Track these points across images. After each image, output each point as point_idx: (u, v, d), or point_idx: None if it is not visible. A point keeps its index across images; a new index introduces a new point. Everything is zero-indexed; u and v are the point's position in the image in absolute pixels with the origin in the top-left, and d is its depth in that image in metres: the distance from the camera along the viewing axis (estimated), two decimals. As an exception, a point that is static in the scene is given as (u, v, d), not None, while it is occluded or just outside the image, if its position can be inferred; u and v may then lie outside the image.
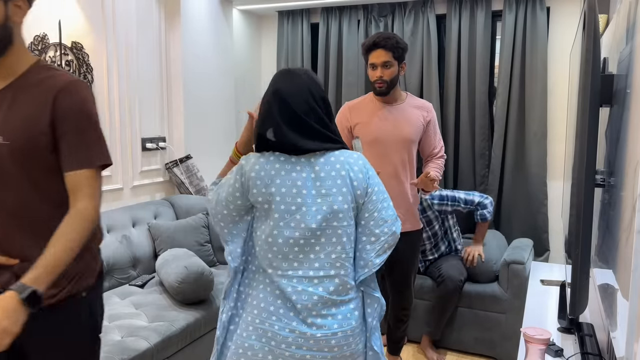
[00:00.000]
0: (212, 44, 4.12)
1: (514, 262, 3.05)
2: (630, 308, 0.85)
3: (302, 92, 1.51)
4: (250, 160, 1.52)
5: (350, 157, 1.54)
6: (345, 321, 1.50)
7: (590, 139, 1.13)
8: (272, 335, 1.47)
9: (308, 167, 1.50)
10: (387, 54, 2.43)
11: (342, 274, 1.50)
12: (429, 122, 2.62)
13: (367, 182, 1.53)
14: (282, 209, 1.47)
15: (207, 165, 4.12)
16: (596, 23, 1.15)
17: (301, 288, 1.47)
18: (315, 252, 1.49)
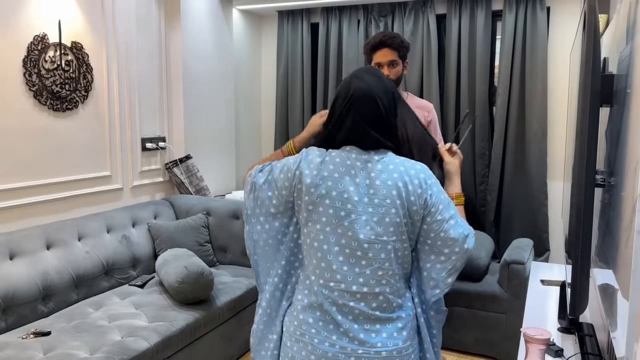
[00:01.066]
0: (212, 44, 4.12)
1: (514, 262, 3.05)
2: (630, 308, 0.85)
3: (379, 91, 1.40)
4: (309, 155, 1.43)
5: (412, 168, 1.40)
6: (391, 340, 1.38)
7: (590, 139, 1.13)
8: (312, 348, 1.40)
9: (364, 173, 1.38)
10: (393, 53, 2.41)
11: (387, 291, 1.39)
12: (430, 122, 2.62)
13: (425, 200, 1.38)
14: (331, 213, 1.37)
15: (207, 165, 4.12)
16: (596, 23, 1.15)
17: (342, 302, 1.38)
18: (361, 266, 1.37)
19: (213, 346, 2.81)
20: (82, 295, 2.77)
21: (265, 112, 4.99)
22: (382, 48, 2.43)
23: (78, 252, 2.80)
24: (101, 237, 2.97)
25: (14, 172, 2.75)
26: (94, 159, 3.22)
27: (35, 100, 2.84)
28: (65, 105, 3.01)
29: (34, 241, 2.63)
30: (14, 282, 2.43)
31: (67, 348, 2.20)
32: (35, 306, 2.52)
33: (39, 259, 2.60)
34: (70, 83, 3.03)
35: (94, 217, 3.03)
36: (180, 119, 3.84)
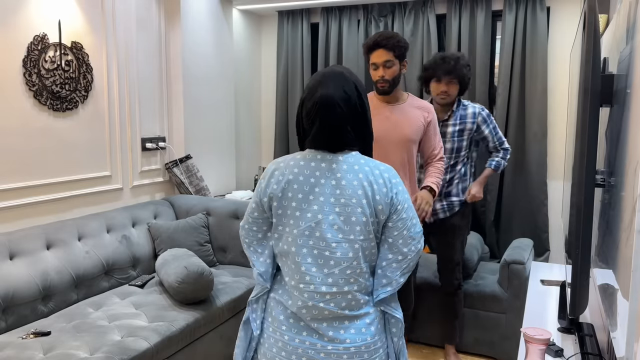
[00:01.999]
0: (212, 43, 4.12)
1: (514, 262, 3.05)
2: (630, 308, 0.85)
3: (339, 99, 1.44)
4: (270, 167, 1.50)
5: (377, 168, 1.45)
6: (359, 336, 1.42)
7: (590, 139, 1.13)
8: (282, 345, 1.44)
9: (329, 173, 1.42)
10: (388, 54, 2.42)
11: (356, 289, 1.42)
12: (430, 122, 2.61)
13: (391, 199, 1.42)
14: (297, 215, 1.41)
15: (207, 165, 4.12)
16: (596, 23, 1.15)
17: (311, 303, 1.41)
18: (329, 266, 1.40)
19: (213, 346, 2.81)
20: (82, 295, 2.77)
21: (265, 113, 4.99)
22: (377, 49, 2.44)
23: (78, 252, 2.80)
24: (101, 237, 2.97)
25: (14, 172, 2.75)
26: (94, 159, 3.22)
27: (35, 100, 2.84)
28: (65, 105, 3.01)
29: (34, 241, 2.63)
30: (14, 282, 2.43)
31: (67, 348, 2.20)
32: (35, 306, 2.52)
33: (39, 259, 2.60)
34: (70, 83, 3.03)
35: (94, 217, 3.03)
36: (180, 119, 3.84)
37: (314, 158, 1.44)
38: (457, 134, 2.97)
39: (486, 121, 3.00)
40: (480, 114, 2.99)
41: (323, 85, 1.45)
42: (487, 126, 3.01)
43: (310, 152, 1.46)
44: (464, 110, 3.00)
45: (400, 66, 2.50)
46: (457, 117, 2.98)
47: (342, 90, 1.44)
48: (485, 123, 3.00)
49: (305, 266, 1.41)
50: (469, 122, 2.97)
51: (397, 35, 2.47)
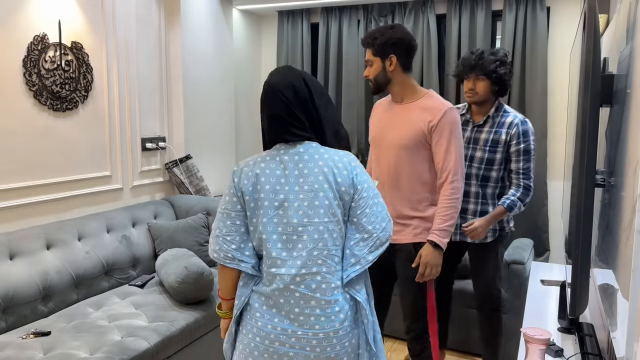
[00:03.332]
0: (212, 44, 4.12)
1: (514, 262, 3.05)
2: (630, 308, 0.85)
3: (282, 87, 1.55)
4: (239, 165, 1.61)
5: (336, 154, 1.56)
6: (328, 322, 1.50)
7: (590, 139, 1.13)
8: (257, 330, 1.52)
9: (292, 164, 1.53)
10: (368, 52, 2.29)
11: (324, 271, 1.51)
12: (433, 128, 2.20)
13: (352, 180, 1.53)
14: (266, 205, 1.52)
15: (207, 165, 4.12)
16: (596, 23, 1.15)
17: (283, 286, 1.50)
18: (297, 249, 1.50)
19: (213, 346, 2.81)
20: (82, 295, 2.77)
21: (265, 112, 4.99)
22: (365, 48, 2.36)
23: (78, 252, 2.80)
24: (101, 237, 2.97)
25: (14, 172, 2.75)
26: (94, 159, 3.22)
27: (35, 100, 2.84)
28: (65, 105, 3.01)
29: (34, 241, 2.63)
30: (14, 282, 2.43)
31: (67, 348, 2.20)
32: (35, 306, 2.52)
33: (39, 259, 2.60)
34: (70, 83, 3.03)
35: (94, 217, 3.03)
36: (180, 119, 3.84)
37: (277, 153, 1.56)
38: (490, 143, 2.60)
39: (519, 137, 2.56)
40: (517, 126, 2.56)
41: (270, 75, 1.60)
42: (518, 144, 2.56)
43: (274, 148, 1.58)
44: (504, 117, 2.61)
45: (384, 63, 2.25)
46: (495, 124, 2.62)
47: (286, 80, 1.56)
48: (518, 139, 2.56)
49: (275, 251, 1.51)
50: (503, 133, 2.58)
51: (377, 31, 2.26)
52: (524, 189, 2.60)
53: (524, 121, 2.58)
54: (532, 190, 2.61)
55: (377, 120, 2.41)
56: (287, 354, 1.50)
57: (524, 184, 2.60)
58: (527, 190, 2.61)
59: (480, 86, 2.59)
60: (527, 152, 2.57)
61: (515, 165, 2.59)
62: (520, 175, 2.59)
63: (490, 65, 2.55)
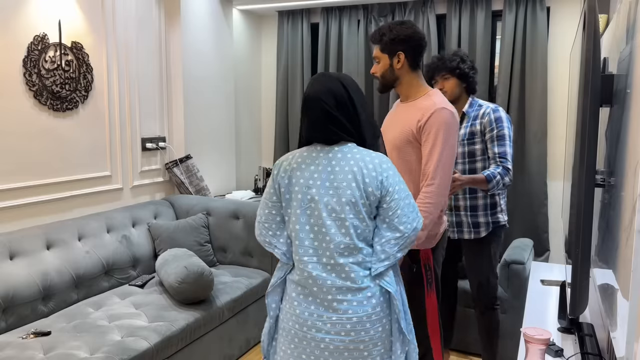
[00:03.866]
0: (212, 44, 4.12)
1: (514, 262, 3.05)
2: (630, 308, 0.85)
3: (322, 94, 1.65)
4: (281, 159, 1.73)
5: (369, 155, 1.64)
6: (360, 307, 1.59)
7: (590, 139, 1.13)
8: (295, 318, 1.63)
9: (325, 162, 1.63)
10: (375, 49, 2.24)
11: (351, 262, 1.60)
12: (422, 128, 2.11)
13: (381, 182, 1.60)
14: (299, 197, 1.63)
15: (207, 165, 4.12)
16: (596, 23, 1.15)
17: (315, 274, 1.61)
18: (326, 241, 1.60)
19: (213, 346, 2.81)
20: (82, 295, 2.77)
21: (265, 112, 4.99)
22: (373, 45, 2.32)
23: (78, 252, 2.80)
24: (101, 237, 2.97)
25: (14, 172, 2.75)
26: (94, 159, 3.22)
27: (36, 100, 2.84)
28: (65, 105, 3.01)
29: (34, 241, 2.63)
30: (14, 282, 2.43)
31: (67, 348, 2.20)
32: (36, 306, 2.52)
33: (39, 259, 2.60)
34: (70, 83, 3.03)
35: (94, 217, 3.03)
36: (180, 119, 3.84)
37: (314, 150, 1.67)
38: (467, 136, 2.71)
39: (492, 124, 2.64)
40: (489, 114, 2.66)
41: (309, 86, 1.70)
42: (492, 130, 2.63)
43: (312, 146, 1.69)
44: (478, 110, 2.72)
45: (392, 60, 2.18)
46: (470, 118, 2.73)
47: (325, 88, 1.66)
48: (491, 126, 2.64)
49: (307, 241, 1.63)
50: (478, 123, 2.69)
51: (386, 27, 2.19)
52: (503, 169, 2.60)
53: (496, 109, 2.67)
54: (511, 173, 2.63)
55: (386, 119, 2.40)
56: (323, 340, 1.59)
57: (502, 166, 2.61)
58: (506, 171, 2.61)
59: (447, 85, 2.70)
60: (501, 137, 2.62)
61: (492, 151, 2.65)
62: (497, 159, 2.62)
63: (451, 62, 2.68)
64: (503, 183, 2.60)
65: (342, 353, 1.59)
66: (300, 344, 1.62)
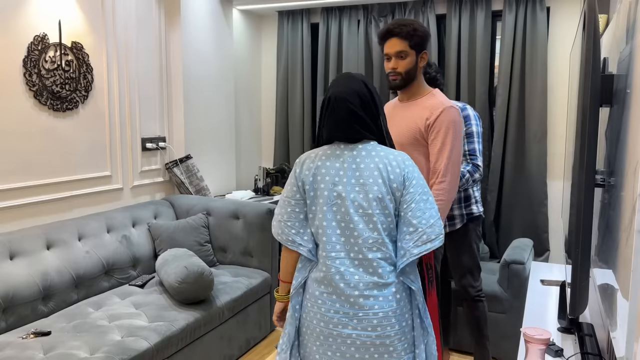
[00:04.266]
0: (212, 44, 4.12)
1: (514, 262, 3.05)
2: (630, 308, 0.85)
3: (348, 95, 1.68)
4: (302, 157, 1.75)
5: (392, 153, 1.68)
6: (386, 302, 1.62)
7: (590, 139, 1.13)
8: (320, 316, 1.65)
9: (350, 159, 1.66)
10: (402, 43, 2.14)
11: (379, 257, 1.63)
12: (430, 126, 2.16)
13: (404, 176, 1.64)
14: (326, 194, 1.65)
15: (207, 165, 4.12)
16: (596, 23, 1.15)
17: (343, 269, 1.63)
18: (354, 237, 1.63)
19: (213, 346, 2.81)
20: (82, 295, 2.77)
21: (265, 112, 5.00)
22: (390, 38, 2.17)
23: (78, 252, 2.80)
24: (101, 237, 2.97)
25: (14, 172, 2.75)
26: (94, 159, 3.22)
27: (36, 100, 2.84)
28: (66, 105, 3.01)
29: (34, 241, 2.63)
30: (14, 282, 2.43)
31: (67, 348, 2.20)
32: (36, 306, 2.52)
33: (39, 259, 2.60)
34: (71, 83, 3.03)
35: (94, 217, 3.03)
36: (180, 119, 3.84)
37: (338, 148, 1.70)
38: None
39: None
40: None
41: (333, 87, 1.72)
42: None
43: (334, 144, 1.71)
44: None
45: (418, 58, 2.18)
46: None
47: (349, 88, 1.69)
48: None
49: (335, 237, 1.64)
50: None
51: (415, 22, 2.16)
52: (472, 166, 2.64)
53: (464, 108, 2.69)
54: (481, 169, 2.66)
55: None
56: (350, 336, 1.61)
57: (472, 163, 2.64)
58: (476, 167, 2.64)
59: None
60: (469, 135, 2.65)
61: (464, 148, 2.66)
62: (466, 156, 2.65)
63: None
64: (473, 179, 2.64)
65: (369, 349, 1.62)
66: (325, 341, 1.65)
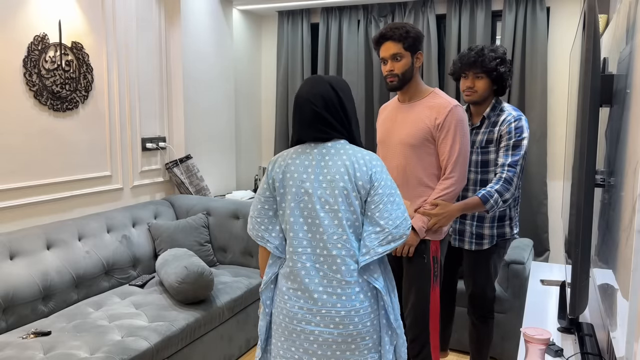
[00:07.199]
0: (212, 44, 4.12)
1: (514, 262, 3.05)
2: (630, 308, 0.85)
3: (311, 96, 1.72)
4: (275, 156, 1.80)
5: (360, 152, 1.70)
6: (349, 302, 1.64)
7: (590, 139, 1.13)
8: (286, 312, 1.69)
9: (319, 157, 1.70)
10: (396, 46, 2.21)
11: (344, 254, 1.65)
12: (440, 126, 2.19)
13: (370, 176, 1.66)
14: (294, 191, 1.69)
15: (207, 165, 4.12)
16: (596, 23, 1.15)
17: (309, 265, 1.66)
18: (319, 232, 1.66)
19: (213, 346, 2.81)
20: (82, 295, 2.77)
21: (265, 112, 5.00)
22: (384, 42, 2.23)
23: (78, 252, 2.80)
24: (101, 237, 2.97)
25: (14, 172, 2.75)
26: (94, 159, 3.22)
27: (36, 100, 2.84)
28: (66, 105, 3.01)
29: (34, 241, 2.63)
30: (14, 282, 2.43)
31: (67, 348, 2.20)
32: (36, 306, 2.52)
33: (39, 259, 2.60)
34: (71, 83, 3.03)
35: (94, 217, 3.03)
36: (180, 118, 3.84)
37: (307, 147, 1.74)
38: (483, 143, 2.49)
39: (510, 133, 2.41)
40: (509, 123, 2.42)
41: (300, 88, 1.77)
42: (509, 139, 2.40)
43: (305, 144, 1.75)
44: (498, 116, 2.48)
45: (413, 59, 2.23)
46: (490, 124, 2.50)
47: (314, 90, 1.73)
48: (509, 135, 2.41)
49: (301, 233, 1.68)
50: (495, 131, 2.46)
51: (407, 25, 2.22)
52: (504, 182, 2.34)
53: (518, 118, 2.43)
54: (514, 186, 2.35)
55: (383, 121, 2.41)
56: (312, 333, 1.65)
57: (505, 177, 2.35)
58: (508, 184, 2.34)
59: (479, 85, 2.48)
60: (517, 147, 2.39)
61: (502, 160, 2.41)
62: (505, 167, 2.37)
63: (490, 62, 2.44)
64: (503, 200, 2.34)
65: (331, 346, 1.64)
66: (290, 336, 1.68)
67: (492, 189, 2.34)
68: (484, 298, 2.66)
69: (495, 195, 2.32)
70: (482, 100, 2.52)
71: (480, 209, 2.34)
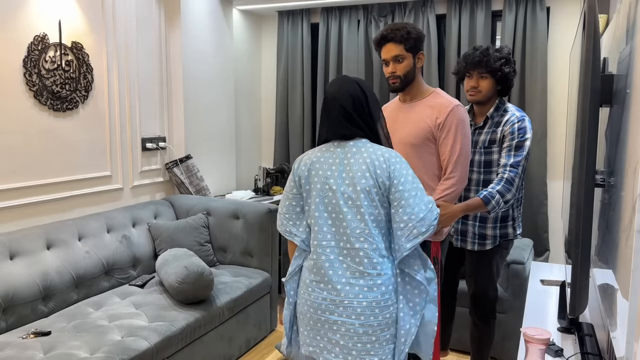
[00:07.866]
0: (212, 44, 4.12)
1: (514, 262, 3.05)
2: (630, 308, 0.85)
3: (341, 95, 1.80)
4: (301, 155, 1.89)
5: (380, 150, 1.77)
6: (370, 293, 1.70)
7: (590, 139, 1.13)
8: (310, 302, 1.77)
9: (342, 155, 1.78)
10: (397, 47, 2.21)
11: (366, 247, 1.72)
12: (441, 125, 2.20)
13: (389, 172, 1.73)
14: (319, 187, 1.78)
15: (207, 165, 4.12)
16: (596, 23, 1.15)
17: (333, 257, 1.74)
18: (343, 227, 1.74)
19: (213, 346, 2.81)
20: (82, 295, 2.77)
21: (265, 112, 5.00)
22: (385, 43, 2.24)
23: (78, 252, 2.80)
24: (101, 237, 2.97)
25: (14, 172, 2.75)
26: (94, 159, 3.22)
27: (36, 100, 2.84)
28: (66, 105, 3.01)
29: (34, 241, 2.63)
30: (14, 282, 2.43)
31: (67, 348, 2.20)
32: (36, 306, 2.52)
33: (39, 259, 2.60)
34: (71, 83, 3.03)
35: (94, 217, 3.03)
36: (180, 118, 3.84)
37: (331, 145, 1.82)
38: (486, 143, 2.49)
39: (513, 134, 2.40)
40: (512, 123, 2.41)
41: (328, 87, 1.85)
42: (512, 139, 2.39)
43: (329, 143, 1.84)
44: (501, 116, 2.48)
45: (415, 59, 2.24)
46: (493, 124, 2.50)
47: (343, 89, 1.81)
48: (512, 135, 2.40)
49: (326, 227, 1.76)
50: (499, 131, 2.46)
51: (408, 25, 2.22)
52: (505, 182, 2.32)
53: (522, 118, 2.41)
54: (515, 186, 2.33)
55: (387, 121, 2.39)
56: (336, 322, 1.72)
57: (507, 177, 2.33)
58: (509, 185, 2.31)
59: (483, 85, 2.46)
60: (519, 148, 2.38)
61: (504, 160, 2.39)
62: (507, 168, 2.35)
63: (495, 63, 2.42)
64: (505, 201, 2.31)
65: (352, 337, 1.71)
66: (315, 326, 1.77)
67: (494, 189, 2.32)
68: (485, 298, 2.65)
69: (496, 196, 2.30)
70: (486, 100, 2.51)
71: (482, 210, 2.32)
